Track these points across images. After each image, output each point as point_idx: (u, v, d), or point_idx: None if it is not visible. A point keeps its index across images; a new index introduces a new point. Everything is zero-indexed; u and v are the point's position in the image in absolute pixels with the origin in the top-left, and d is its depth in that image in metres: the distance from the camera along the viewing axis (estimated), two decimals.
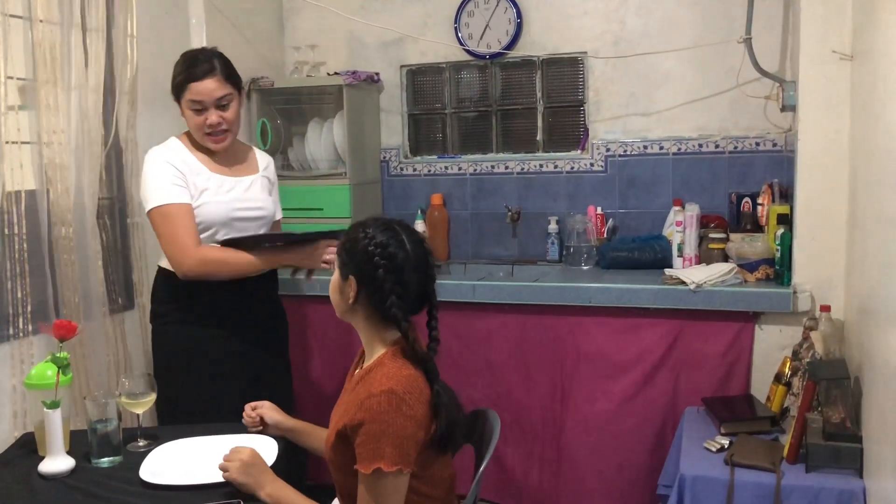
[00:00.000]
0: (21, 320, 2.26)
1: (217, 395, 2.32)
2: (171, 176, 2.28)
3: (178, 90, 2.32)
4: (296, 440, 1.98)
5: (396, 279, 1.64)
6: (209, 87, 2.28)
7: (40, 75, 2.32)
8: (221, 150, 2.37)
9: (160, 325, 2.40)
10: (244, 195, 2.40)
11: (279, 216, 2.59)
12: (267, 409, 1.99)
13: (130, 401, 1.93)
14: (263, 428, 1.99)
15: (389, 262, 1.64)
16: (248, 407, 1.99)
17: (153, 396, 1.96)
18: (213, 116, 2.30)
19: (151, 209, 2.26)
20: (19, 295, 2.25)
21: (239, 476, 1.67)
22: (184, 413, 2.27)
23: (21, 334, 2.26)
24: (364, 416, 1.57)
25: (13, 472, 1.82)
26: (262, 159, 2.55)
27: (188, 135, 2.40)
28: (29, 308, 2.28)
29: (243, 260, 2.28)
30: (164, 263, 2.37)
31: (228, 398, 2.26)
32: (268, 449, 1.86)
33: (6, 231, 2.22)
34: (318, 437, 1.94)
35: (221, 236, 2.33)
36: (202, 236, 2.31)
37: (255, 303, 2.42)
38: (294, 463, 2.02)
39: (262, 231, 2.43)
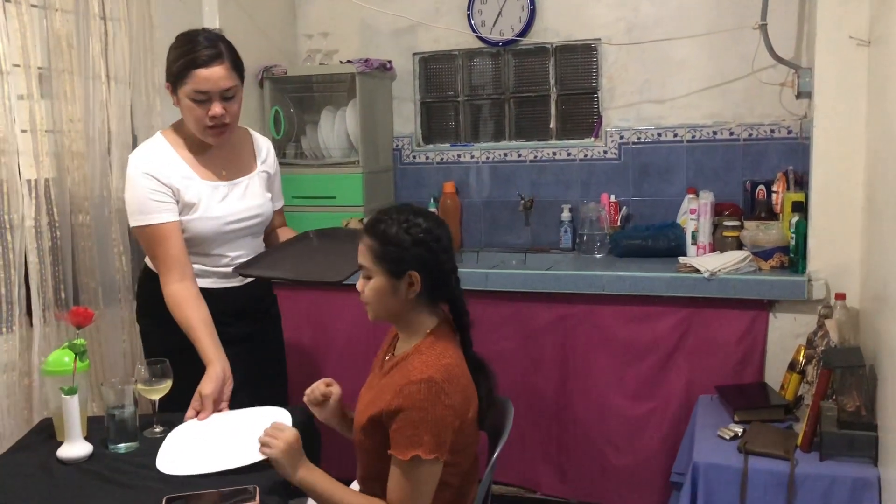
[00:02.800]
0: (39, 307, 2.28)
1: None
2: (152, 191, 2.07)
3: (177, 77, 2.05)
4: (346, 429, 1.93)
5: (450, 257, 1.71)
6: (217, 74, 2.04)
7: (56, 64, 2.34)
8: (219, 144, 2.17)
9: (144, 322, 2.30)
10: (239, 203, 2.21)
11: (279, 205, 2.40)
12: (337, 390, 1.88)
13: (146, 387, 1.95)
14: (322, 408, 1.89)
15: (442, 244, 1.69)
16: (321, 383, 1.86)
17: (169, 383, 1.97)
18: (216, 108, 2.06)
19: (133, 227, 2.12)
20: (37, 282, 2.27)
21: (281, 456, 1.62)
22: (181, 407, 2.22)
23: (39, 321, 2.28)
24: (403, 402, 1.58)
25: (32, 456, 1.84)
26: (261, 149, 2.32)
27: (175, 129, 2.18)
28: (47, 295, 2.30)
29: (189, 332, 2.05)
30: (150, 264, 2.23)
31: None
32: (284, 421, 1.81)
33: (24, 218, 2.23)
34: None
35: (215, 249, 2.19)
36: (195, 249, 2.17)
37: (242, 303, 2.28)
38: (308, 448, 2.02)
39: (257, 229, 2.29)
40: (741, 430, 2.28)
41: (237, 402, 2.10)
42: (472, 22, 3.44)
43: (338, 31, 3.60)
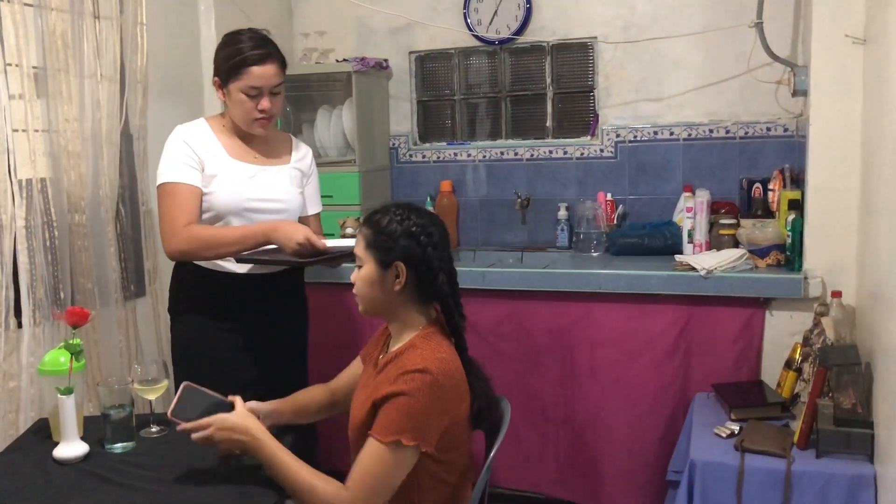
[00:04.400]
0: (35, 307, 2.28)
1: (229, 387, 2.28)
2: (184, 155, 2.23)
3: (231, 73, 2.21)
4: (296, 419, 1.96)
5: (441, 256, 1.71)
6: (270, 72, 2.21)
7: (52, 63, 2.33)
8: (263, 134, 2.31)
9: (175, 314, 2.38)
10: (265, 185, 2.31)
11: (315, 210, 2.51)
12: (252, 405, 1.87)
13: (143, 387, 1.94)
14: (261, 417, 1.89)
15: (432, 240, 1.70)
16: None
17: (166, 383, 1.97)
18: (265, 102, 2.23)
19: (159, 185, 2.24)
20: (27, 282, 2.26)
21: (228, 447, 1.70)
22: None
23: (35, 321, 2.27)
24: (395, 388, 1.60)
25: (28, 457, 1.83)
26: (299, 150, 2.47)
27: (220, 118, 2.35)
28: (43, 294, 2.30)
29: (229, 238, 2.19)
30: None
31: (241, 391, 2.25)
32: None
33: (20, 218, 2.23)
34: (308, 398, 1.97)
35: (237, 224, 2.26)
36: (213, 223, 2.27)
37: (275, 296, 2.36)
38: (305, 449, 2.03)
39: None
40: (738, 427, 2.29)
41: (249, 398, 2.10)
42: (469, 20, 3.44)
43: (334, 30, 3.59)
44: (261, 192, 2.30)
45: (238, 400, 1.81)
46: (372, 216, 1.74)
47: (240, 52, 2.21)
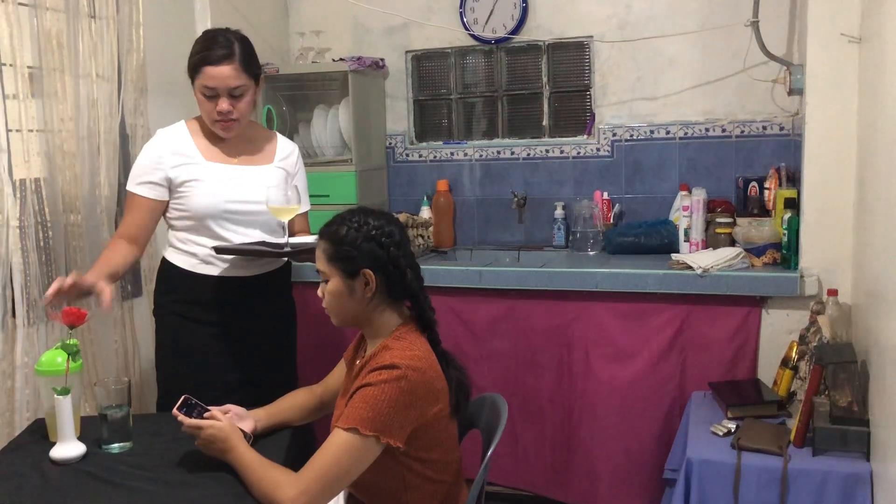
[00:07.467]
0: (29, 307, 2.27)
1: (214, 390, 2.22)
2: (150, 168, 2.23)
3: (192, 71, 2.21)
4: (284, 423, 1.96)
5: (404, 253, 1.72)
6: (224, 73, 2.16)
7: (47, 63, 2.33)
8: (229, 138, 2.28)
9: (159, 317, 2.36)
10: (244, 187, 2.27)
11: (303, 209, 2.47)
12: (234, 416, 1.85)
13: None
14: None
15: (393, 240, 1.71)
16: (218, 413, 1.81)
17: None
18: (223, 104, 2.19)
19: (126, 188, 2.28)
20: (20, 282, 2.26)
21: (206, 450, 1.73)
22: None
23: (29, 321, 2.27)
24: (363, 381, 1.62)
25: (25, 457, 1.83)
26: (284, 149, 2.43)
27: (198, 118, 2.32)
28: (37, 295, 2.29)
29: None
30: (168, 255, 2.34)
31: (223, 395, 2.19)
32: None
33: (14, 219, 2.22)
34: (291, 404, 1.97)
35: (220, 231, 2.26)
36: (201, 231, 2.25)
37: (259, 298, 2.34)
38: (302, 453, 2.02)
39: (263, 221, 2.33)
40: (734, 426, 2.29)
41: (235, 402, 2.10)
42: (465, 20, 3.44)
43: (330, 30, 3.59)
44: (239, 194, 2.26)
45: (229, 409, 1.85)
46: (328, 229, 1.73)
47: (201, 51, 2.19)
